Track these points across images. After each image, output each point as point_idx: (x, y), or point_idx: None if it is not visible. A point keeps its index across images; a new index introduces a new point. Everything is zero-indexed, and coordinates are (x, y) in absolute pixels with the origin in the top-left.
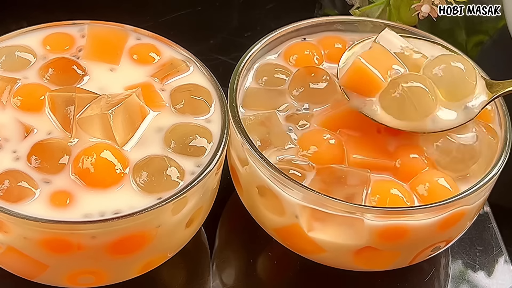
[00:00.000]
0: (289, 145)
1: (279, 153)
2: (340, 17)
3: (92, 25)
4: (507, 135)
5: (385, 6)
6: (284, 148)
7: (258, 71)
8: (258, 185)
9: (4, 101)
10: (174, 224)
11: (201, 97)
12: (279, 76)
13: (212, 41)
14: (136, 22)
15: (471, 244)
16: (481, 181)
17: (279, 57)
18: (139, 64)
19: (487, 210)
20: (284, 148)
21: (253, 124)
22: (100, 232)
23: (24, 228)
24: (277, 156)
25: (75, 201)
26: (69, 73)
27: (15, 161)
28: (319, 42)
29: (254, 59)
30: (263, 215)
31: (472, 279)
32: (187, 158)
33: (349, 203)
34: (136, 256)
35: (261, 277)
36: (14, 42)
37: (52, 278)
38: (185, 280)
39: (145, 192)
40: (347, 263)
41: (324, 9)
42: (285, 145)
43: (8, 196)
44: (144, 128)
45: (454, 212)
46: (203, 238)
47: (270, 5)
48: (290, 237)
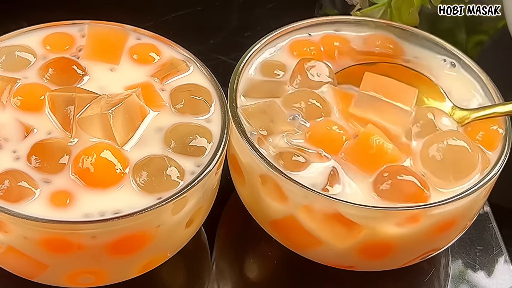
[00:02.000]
0: (296, 132)
1: (287, 138)
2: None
3: (92, 25)
4: (507, 135)
5: (386, 7)
6: (293, 134)
7: (258, 67)
8: (258, 185)
9: (4, 101)
10: (174, 224)
11: (201, 97)
12: (278, 72)
13: (212, 41)
14: (136, 22)
15: (471, 244)
16: (481, 181)
17: (280, 53)
18: (139, 64)
19: (487, 210)
20: (293, 134)
21: (254, 112)
22: (100, 232)
23: (24, 228)
24: (286, 140)
25: (75, 201)
26: (69, 73)
27: (15, 161)
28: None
29: (254, 58)
30: (263, 211)
31: (472, 279)
32: (187, 158)
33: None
34: (136, 256)
35: (261, 277)
36: (14, 42)
37: (52, 278)
38: (185, 280)
39: (145, 192)
40: (344, 258)
41: (324, 9)
42: (291, 131)
43: (8, 196)
44: (144, 128)
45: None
46: (203, 238)
47: (270, 5)
48: (288, 230)
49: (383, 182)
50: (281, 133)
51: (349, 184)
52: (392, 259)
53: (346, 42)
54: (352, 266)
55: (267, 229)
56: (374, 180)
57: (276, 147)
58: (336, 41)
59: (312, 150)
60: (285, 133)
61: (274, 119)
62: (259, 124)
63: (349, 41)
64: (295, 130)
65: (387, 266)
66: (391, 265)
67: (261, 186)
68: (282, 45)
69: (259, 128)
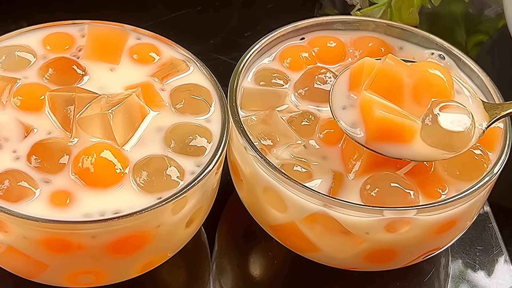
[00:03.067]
0: (298, 141)
1: (290, 150)
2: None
3: (92, 25)
4: (507, 135)
5: (386, 7)
6: (295, 144)
7: (256, 75)
8: (258, 185)
9: (4, 101)
10: (174, 224)
11: (201, 97)
12: (276, 81)
13: (212, 41)
14: (136, 22)
15: (471, 244)
16: (481, 181)
17: (275, 61)
18: (139, 64)
19: (487, 210)
20: (295, 143)
21: (256, 124)
22: (100, 232)
23: (24, 228)
24: (288, 152)
25: (75, 200)
26: (69, 73)
27: (15, 161)
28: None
29: (254, 59)
30: (263, 213)
31: (472, 279)
32: (187, 157)
33: (340, 200)
34: (136, 256)
35: (261, 277)
36: (14, 42)
37: (52, 277)
38: (185, 280)
39: (145, 191)
40: (347, 263)
41: (324, 9)
42: (295, 141)
43: (8, 195)
44: (144, 128)
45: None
46: (203, 238)
47: (270, 5)
48: (288, 235)
49: (368, 192)
50: (284, 145)
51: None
52: (395, 262)
53: (341, 44)
54: (355, 268)
55: (267, 229)
56: (360, 189)
57: (279, 158)
58: (330, 42)
59: (315, 162)
60: (287, 144)
61: (275, 129)
62: (261, 135)
63: (343, 42)
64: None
65: (389, 267)
66: (393, 266)
67: (260, 196)
68: (277, 50)
69: (262, 138)
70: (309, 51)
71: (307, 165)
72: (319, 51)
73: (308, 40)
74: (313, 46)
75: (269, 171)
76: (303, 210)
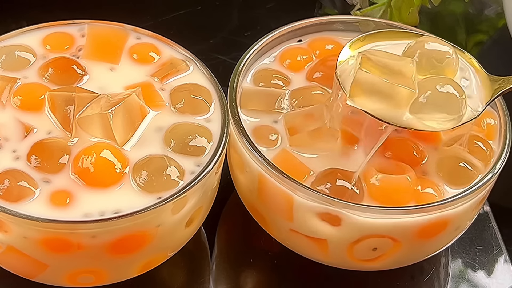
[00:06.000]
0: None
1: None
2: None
3: (92, 25)
4: (506, 135)
5: (386, 7)
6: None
7: (256, 76)
8: (258, 185)
9: (4, 101)
10: (174, 224)
11: (201, 97)
12: (276, 82)
13: (212, 41)
14: (136, 22)
15: (471, 244)
16: (481, 181)
17: (275, 62)
18: (139, 64)
19: (487, 210)
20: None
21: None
22: (100, 231)
23: (24, 228)
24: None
25: (75, 200)
26: (69, 73)
27: (15, 161)
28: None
29: (254, 59)
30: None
31: (472, 279)
32: (187, 157)
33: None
34: (136, 255)
35: (261, 277)
36: (14, 41)
37: (52, 277)
38: (185, 280)
39: (145, 191)
40: (346, 264)
41: (324, 9)
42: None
43: (8, 195)
44: (144, 127)
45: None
46: (203, 238)
47: (270, 5)
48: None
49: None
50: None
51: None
52: (395, 262)
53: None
54: (355, 268)
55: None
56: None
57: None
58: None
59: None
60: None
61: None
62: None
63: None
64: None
65: (389, 267)
66: (393, 266)
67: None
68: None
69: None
70: (309, 54)
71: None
72: (319, 54)
73: (308, 42)
74: (313, 48)
75: (269, 170)
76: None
